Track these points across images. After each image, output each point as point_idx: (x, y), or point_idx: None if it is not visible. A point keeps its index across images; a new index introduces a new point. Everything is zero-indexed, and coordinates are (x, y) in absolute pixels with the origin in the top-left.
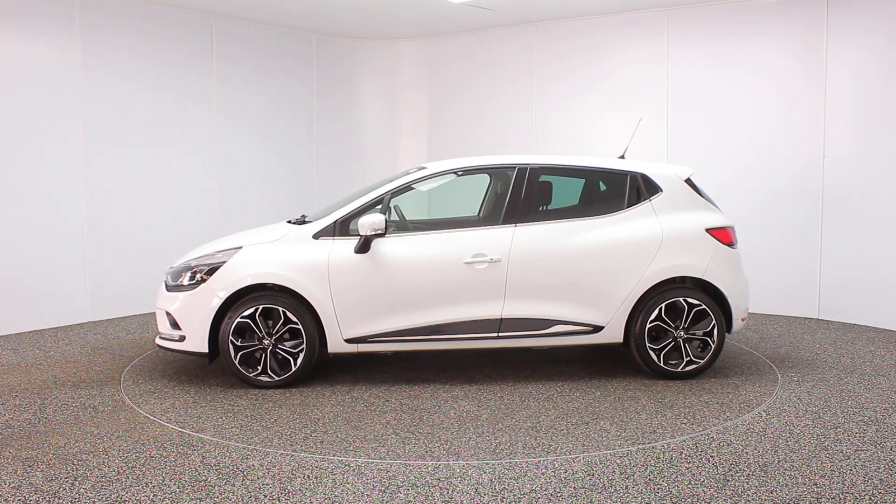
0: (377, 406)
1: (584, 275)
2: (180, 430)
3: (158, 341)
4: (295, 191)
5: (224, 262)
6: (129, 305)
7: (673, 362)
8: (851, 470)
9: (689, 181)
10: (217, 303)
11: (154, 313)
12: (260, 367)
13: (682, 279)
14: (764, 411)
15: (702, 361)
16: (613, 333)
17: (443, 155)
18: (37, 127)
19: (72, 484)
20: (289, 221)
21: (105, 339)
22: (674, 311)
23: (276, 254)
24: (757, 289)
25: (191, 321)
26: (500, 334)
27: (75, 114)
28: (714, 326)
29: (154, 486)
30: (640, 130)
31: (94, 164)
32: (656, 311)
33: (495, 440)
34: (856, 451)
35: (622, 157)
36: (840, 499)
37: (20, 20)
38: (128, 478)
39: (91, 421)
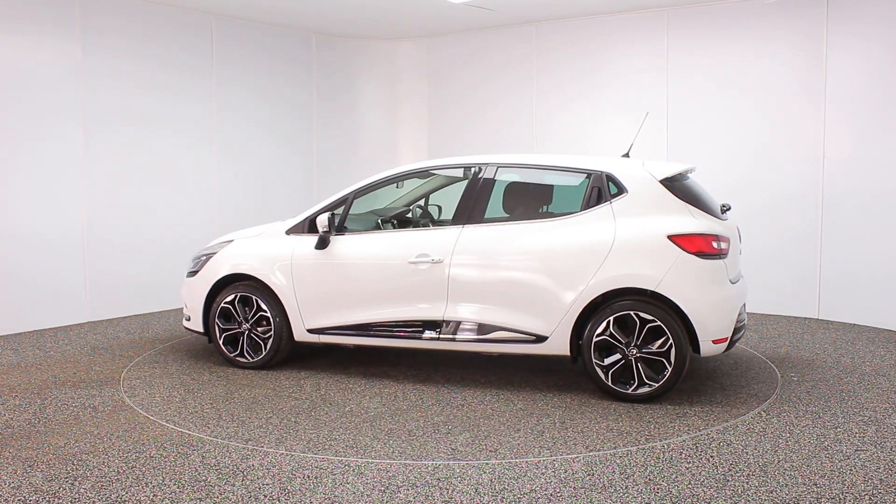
0: (287, 391)
1: (526, 280)
2: (180, 430)
3: (184, 322)
4: (295, 190)
5: (216, 253)
6: (129, 305)
7: (625, 381)
8: (851, 470)
9: (668, 181)
10: (206, 288)
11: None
12: (238, 349)
13: (649, 291)
14: (764, 411)
15: (655, 385)
16: (558, 345)
17: (443, 154)
18: (37, 128)
19: (72, 484)
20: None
21: (105, 339)
22: (629, 325)
23: (253, 247)
24: (757, 289)
25: (191, 303)
26: (440, 336)
27: (75, 114)
28: (671, 346)
29: (154, 486)
30: (640, 132)
31: (94, 164)
32: (603, 325)
33: (339, 436)
34: (856, 451)
35: (626, 154)
36: (840, 499)
37: (20, 21)
38: (128, 478)
39: (91, 421)
